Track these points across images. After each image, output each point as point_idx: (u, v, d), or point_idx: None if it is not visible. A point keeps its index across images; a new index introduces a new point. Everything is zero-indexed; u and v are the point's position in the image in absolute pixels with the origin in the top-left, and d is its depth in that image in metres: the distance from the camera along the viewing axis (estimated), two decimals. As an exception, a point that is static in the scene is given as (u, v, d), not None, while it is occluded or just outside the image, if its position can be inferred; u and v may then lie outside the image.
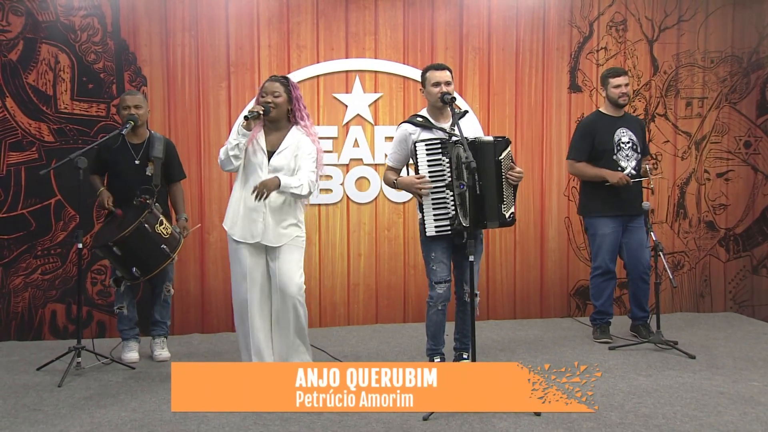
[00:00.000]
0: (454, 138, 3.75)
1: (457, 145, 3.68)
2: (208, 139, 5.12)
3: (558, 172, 5.60)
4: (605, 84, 4.83)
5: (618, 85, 4.76)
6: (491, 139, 3.87)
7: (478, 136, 3.87)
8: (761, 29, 5.85)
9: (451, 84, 3.92)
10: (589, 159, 4.80)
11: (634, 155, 4.79)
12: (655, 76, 5.71)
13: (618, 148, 4.76)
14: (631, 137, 4.79)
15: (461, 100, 5.31)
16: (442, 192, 3.79)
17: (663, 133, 5.72)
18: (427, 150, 3.80)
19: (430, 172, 3.79)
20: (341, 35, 5.29)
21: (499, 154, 3.84)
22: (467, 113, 4.04)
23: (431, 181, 3.79)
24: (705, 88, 5.80)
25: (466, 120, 3.98)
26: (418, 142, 3.83)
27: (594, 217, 4.84)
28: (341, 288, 5.37)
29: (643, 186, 4.83)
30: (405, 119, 4.10)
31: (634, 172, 4.77)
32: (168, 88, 5.08)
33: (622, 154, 4.76)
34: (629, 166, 4.77)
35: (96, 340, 4.57)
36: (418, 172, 3.83)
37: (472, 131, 4.00)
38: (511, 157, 3.95)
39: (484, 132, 5.15)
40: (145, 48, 5.04)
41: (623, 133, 4.78)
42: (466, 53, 5.44)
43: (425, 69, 4.02)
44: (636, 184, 4.75)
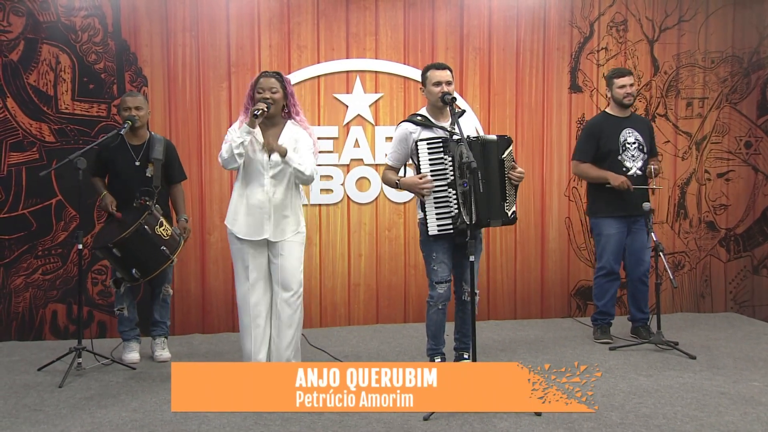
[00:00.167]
0: (456, 136, 3.75)
1: (460, 143, 3.67)
2: (208, 140, 5.13)
3: (558, 172, 5.60)
4: (610, 85, 4.83)
5: (623, 86, 4.76)
6: (495, 137, 3.87)
7: (481, 135, 3.87)
8: (762, 29, 5.85)
9: (451, 84, 3.92)
10: (594, 160, 4.80)
11: (641, 155, 4.78)
12: (655, 77, 5.71)
13: (623, 148, 4.76)
14: (638, 138, 4.78)
15: (462, 100, 5.31)
16: (444, 191, 3.79)
17: (663, 133, 5.71)
18: (429, 149, 3.79)
19: (431, 170, 3.79)
20: (342, 35, 5.29)
21: (502, 152, 3.85)
22: (465, 112, 4.04)
23: (433, 180, 3.79)
24: (705, 88, 5.80)
25: (465, 119, 3.97)
26: (419, 140, 3.82)
27: (599, 218, 4.84)
28: (342, 288, 5.37)
29: (648, 187, 4.78)
30: (404, 119, 4.10)
31: (640, 172, 4.76)
32: (169, 89, 5.08)
33: (627, 155, 4.76)
34: (635, 166, 4.76)
35: (97, 341, 4.57)
36: (420, 171, 3.82)
37: (472, 130, 4.00)
38: (512, 156, 3.95)
39: (484, 132, 5.16)
40: (145, 48, 5.04)
41: (629, 133, 4.78)
42: (467, 53, 5.44)
43: (426, 68, 4.02)
44: (641, 185, 4.73)
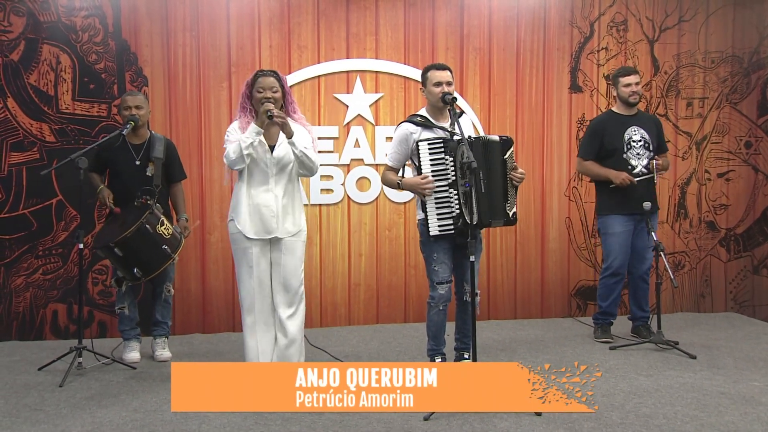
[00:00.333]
0: (457, 137, 3.75)
1: (461, 143, 3.67)
2: (209, 139, 5.13)
3: (559, 172, 5.60)
4: (616, 83, 4.83)
5: (628, 84, 4.76)
6: (497, 138, 3.87)
7: (483, 135, 3.87)
8: (762, 29, 5.85)
9: (452, 84, 3.92)
10: (599, 157, 4.80)
11: (646, 153, 4.77)
12: (655, 77, 5.71)
13: (628, 146, 4.75)
14: (644, 135, 4.77)
15: (462, 100, 5.31)
16: (445, 191, 3.79)
17: (664, 133, 5.71)
18: (430, 149, 3.79)
19: (432, 171, 3.78)
20: (342, 35, 5.29)
21: (505, 153, 3.85)
22: (463, 113, 4.04)
23: (434, 180, 3.79)
24: (705, 88, 5.80)
25: (463, 120, 3.97)
26: (420, 141, 3.82)
27: (605, 216, 4.84)
28: (342, 288, 5.37)
29: (647, 176, 4.72)
30: (404, 119, 4.10)
31: (645, 170, 4.75)
32: (169, 89, 5.08)
33: (632, 153, 4.75)
34: (640, 164, 4.75)
35: (97, 340, 4.58)
36: (421, 172, 3.82)
37: (469, 131, 4.00)
38: (513, 157, 3.95)
39: (483, 133, 5.16)
40: (146, 48, 5.04)
41: (635, 131, 4.77)
42: (467, 53, 5.45)
43: (426, 68, 4.01)
44: (647, 183, 4.72)
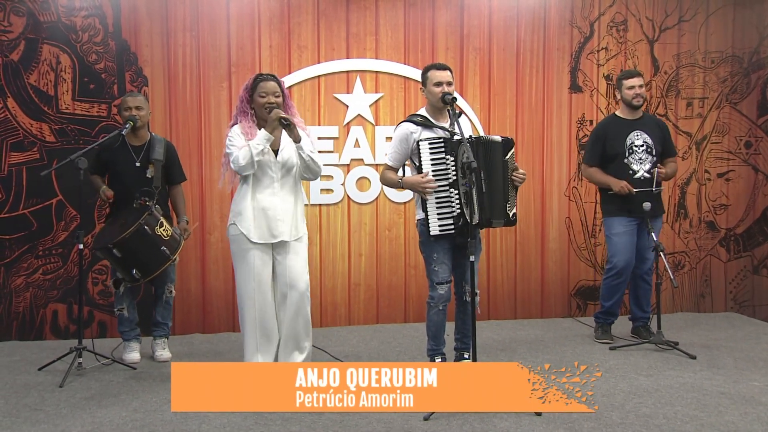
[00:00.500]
0: (457, 137, 3.75)
1: (462, 143, 3.67)
2: (209, 140, 5.13)
3: (558, 172, 5.60)
4: (619, 86, 4.80)
5: (632, 87, 4.73)
6: (499, 138, 3.87)
7: (485, 135, 3.87)
8: (762, 29, 5.85)
9: (452, 84, 3.92)
10: (601, 162, 4.79)
11: (649, 158, 4.74)
12: (655, 77, 5.71)
13: (630, 151, 4.72)
14: (646, 140, 4.74)
15: (462, 100, 5.32)
16: (445, 191, 3.79)
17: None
18: (431, 149, 3.79)
19: (433, 170, 3.78)
20: (342, 35, 5.29)
21: (506, 153, 3.85)
22: (462, 114, 4.04)
23: (435, 180, 3.79)
24: (705, 88, 5.80)
25: (461, 121, 3.97)
26: (421, 140, 3.82)
27: (610, 216, 4.82)
28: (342, 288, 5.37)
29: (652, 190, 4.68)
30: (404, 119, 4.11)
31: (647, 175, 4.72)
32: (169, 89, 5.08)
33: (634, 158, 4.73)
34: (642, 169, 4.72)
35: (97, 340, 4.58)
36: (421, 171, 3.82)
37: (468, 132, 4.01)
38: (514, 158, 3.95)
39: (483, 132, 5.16)
40: (146, 48, 5.04)
41: (637, 136, 4.74)
42: (467, 53, 5.45)
43: (426, 68, 4.01)
44: (651, 194, 4.65)
